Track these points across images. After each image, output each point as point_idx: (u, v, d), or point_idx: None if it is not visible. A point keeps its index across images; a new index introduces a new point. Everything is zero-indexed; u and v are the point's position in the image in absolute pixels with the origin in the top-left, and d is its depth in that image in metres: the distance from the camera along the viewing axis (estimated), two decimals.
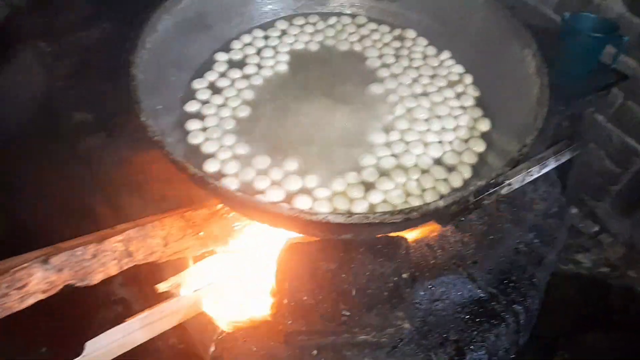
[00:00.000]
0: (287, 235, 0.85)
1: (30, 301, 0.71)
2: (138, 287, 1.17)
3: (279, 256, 0.83)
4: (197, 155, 0.84)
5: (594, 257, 1.52)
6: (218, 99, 0.94)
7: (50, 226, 1.16)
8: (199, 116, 0.90)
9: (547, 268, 0.81)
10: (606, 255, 1.53)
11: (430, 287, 0.76)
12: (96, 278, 0.77)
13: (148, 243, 0.80)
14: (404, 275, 0.75)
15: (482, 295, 0.83)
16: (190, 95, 0.94)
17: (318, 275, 0.77)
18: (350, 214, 0.63)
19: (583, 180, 1.65)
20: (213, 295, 0.92)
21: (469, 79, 0.99)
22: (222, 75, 0.99)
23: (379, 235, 0.81)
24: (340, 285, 0.76)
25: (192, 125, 0.88)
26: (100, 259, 0.75)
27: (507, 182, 0.56)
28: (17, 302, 0.69)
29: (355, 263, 0.77)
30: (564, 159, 0.59)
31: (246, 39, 1.07)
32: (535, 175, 0.57)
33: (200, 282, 0.91)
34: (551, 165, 0.58)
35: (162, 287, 0.88)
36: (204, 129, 0.88)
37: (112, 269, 0.78)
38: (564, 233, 0.86)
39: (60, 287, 0.73)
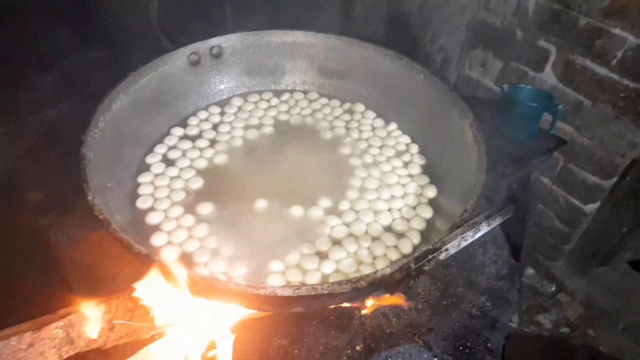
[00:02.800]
0: (240, 312, 0.83)
1: None
2: None
3: (230, 334, 0.80)
4: (145, 227, 0.83)
5: (554, 318, 1.53)
6: (172, 171, 0.95)
7: None
8: (150, 187, 0.91)
9: (501, 331, 0.81)
10: (565, 315, 1.54)
11: (387, 359, 0.75)
12: None
13: (92, 327, 0.76)
14: (358, 348, 0.73)
15: None
16: (144, 169, 0.95)
17: (270, 353, 0.74)
18: (297, 286, 0.62)
19: (536, 241, 1.69)
20: None
21: (415, 148, 1.04)
22: (175, 148, 1.01)
23: (332, 307, 0.80)
24: None
25: (143, 190, 0.90)
26: (38, 348, 0.71)
27: (445, 247, 0.58)
28: None
29: (309, 337, 0.75)
30: (495, 223, 0.62)
31: (202, 115, 1.11)
32: (470, 240, 0.59)
33: None
34: (484, 229, 0.60)
35: None
36: (154, 199, 0.89)
37: (51, 359, 0.73)
38: (516, 295, 0.87)
39: None
